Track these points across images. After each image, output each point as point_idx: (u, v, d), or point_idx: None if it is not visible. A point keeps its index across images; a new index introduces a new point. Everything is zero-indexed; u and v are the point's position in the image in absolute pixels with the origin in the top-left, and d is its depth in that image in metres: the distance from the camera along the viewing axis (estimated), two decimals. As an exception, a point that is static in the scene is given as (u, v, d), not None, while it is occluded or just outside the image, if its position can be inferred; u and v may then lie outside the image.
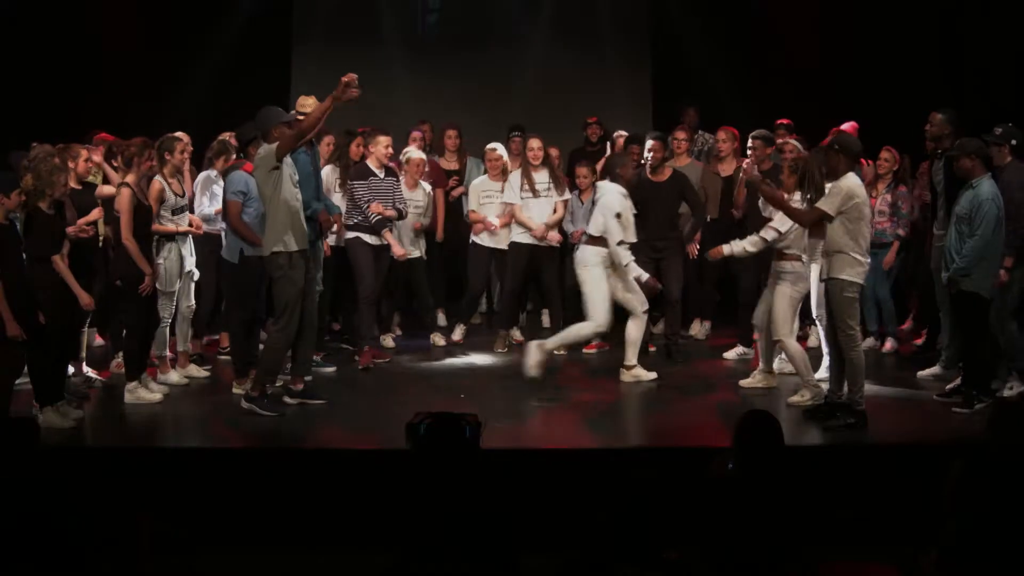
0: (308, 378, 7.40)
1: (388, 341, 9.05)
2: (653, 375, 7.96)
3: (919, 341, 8.94)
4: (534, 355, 7.74)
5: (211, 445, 6.55)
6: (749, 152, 8.49)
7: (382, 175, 8.37)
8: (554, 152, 9.54)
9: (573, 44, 12.30)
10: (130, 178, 7.05)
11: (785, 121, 9.20)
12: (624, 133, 9.77)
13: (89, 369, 7.60)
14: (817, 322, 7.78)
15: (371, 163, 8.38)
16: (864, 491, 5.96)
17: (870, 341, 8.65)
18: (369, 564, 4.41)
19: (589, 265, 7.92)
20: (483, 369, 8.35)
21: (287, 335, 6.93)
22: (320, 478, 6.02)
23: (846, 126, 8.63)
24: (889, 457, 6.32)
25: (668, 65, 12.00)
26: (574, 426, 6.87)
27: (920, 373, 7.86)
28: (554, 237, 9.03)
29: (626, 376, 7.93)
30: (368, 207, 8.19)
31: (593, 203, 8.31)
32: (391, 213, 8.32)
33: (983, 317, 7.10)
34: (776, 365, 7.74)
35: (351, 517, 5.73)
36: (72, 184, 7.18)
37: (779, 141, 8.80)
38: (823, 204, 6.62)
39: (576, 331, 7.92)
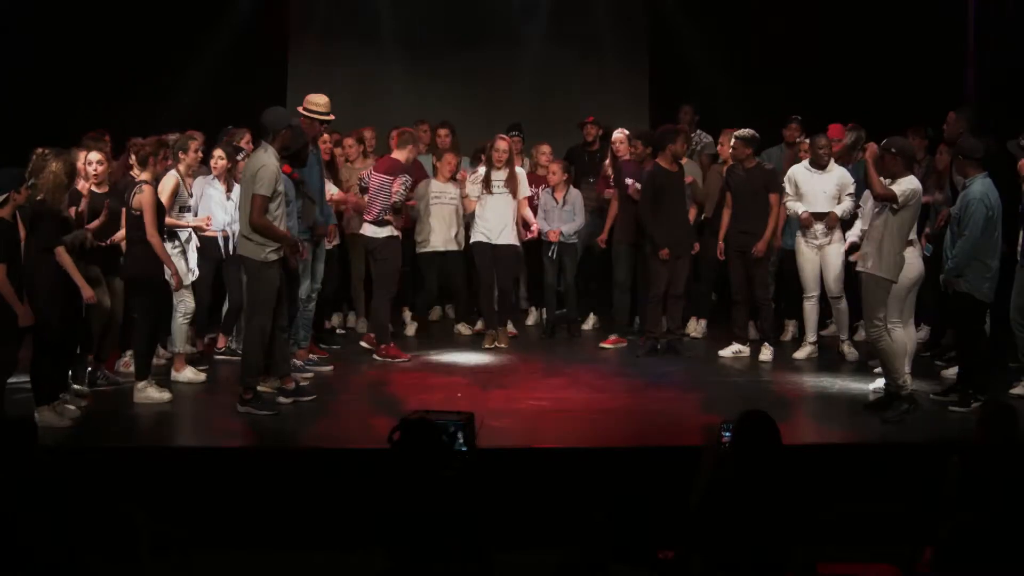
0: (308, 374, 7.46)
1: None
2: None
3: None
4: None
5: (211, 445, 6.55)
6: (731, 151, 8.53)
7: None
8: (546, 150, 9.53)
9: (571, 44, 12.30)
10: (146, 177, 7.06)
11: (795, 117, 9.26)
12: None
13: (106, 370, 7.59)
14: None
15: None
16: (862, 491, 5.97)
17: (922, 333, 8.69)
18: (367, 564, 4.42)
19: None
20: (481, 368, 8.34)
21: (263, 333, 6.94)
22: (319, 478, 6.01)
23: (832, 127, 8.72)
24: (887, 457, 6.32)
25: (666, 65, 12.01)
26: (570, 425, 6.87)
27: (944, 372, 7.84)
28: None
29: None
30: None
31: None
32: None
33: (977, 318, 7.11)
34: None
35: (350, 517, 5.72)
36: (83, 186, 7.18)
37: (796, 139, 8.82)
38: (895, 188, 6.69)
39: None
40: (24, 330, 6.23)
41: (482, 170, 8.95)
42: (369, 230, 8.43)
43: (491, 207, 8.77)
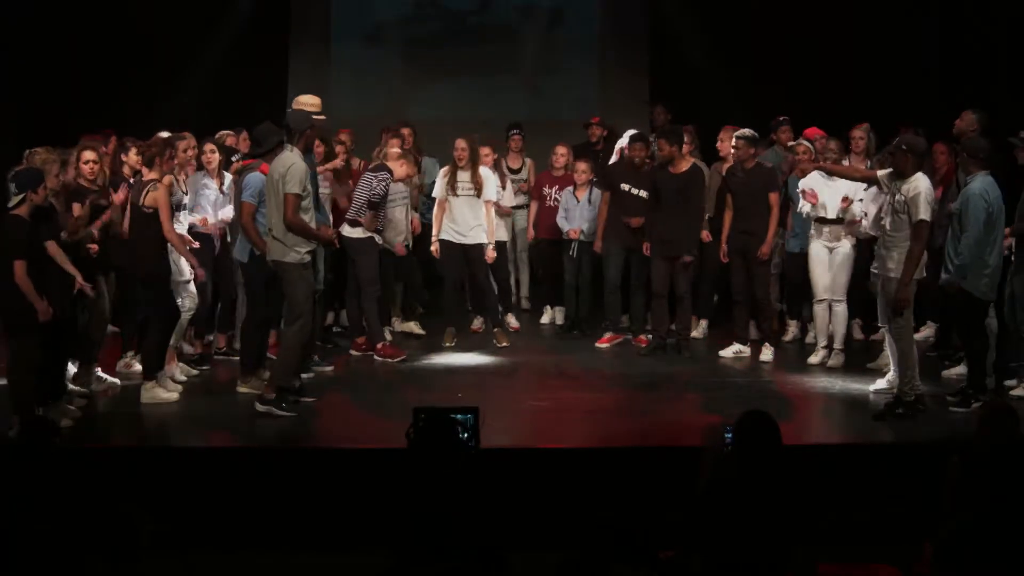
0: (309, 374, 7.52)
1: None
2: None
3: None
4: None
5: (211, 445, 6.55)
6: (733, 151, 8.50)
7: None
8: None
9: (571, 44, 12.34)
10: (155, 175, 7.06)
11: (783, 118, 9.25)
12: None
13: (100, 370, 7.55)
14: None
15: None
16: (863, 491, 5.97)
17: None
18: (368, 564, 4.41)
19: None
20: (480, 368, 8.34)
21: (304, 335, 6.97)
22: (319, 478, 6.02)
23: (809, 131, 8.72)
24: (887, 457, 6.34)
25: (666, 65, 12.01)
26: (571, 425, 6.87)
27: (945, 373, 7.85)
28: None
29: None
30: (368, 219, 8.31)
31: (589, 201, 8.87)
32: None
33: (976, 316, 7.10)
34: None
35: (350, 517, 5.73)
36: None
37: (791, 143, 8.83)
38: (923, 216, 6.71)
39: None
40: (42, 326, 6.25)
41: (446, 170, 8.86)
42: (345, 229, 8.44)
43: (458, 208, 8.78)
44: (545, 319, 9.87)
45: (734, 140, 8.46)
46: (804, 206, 8.12)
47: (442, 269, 9.04)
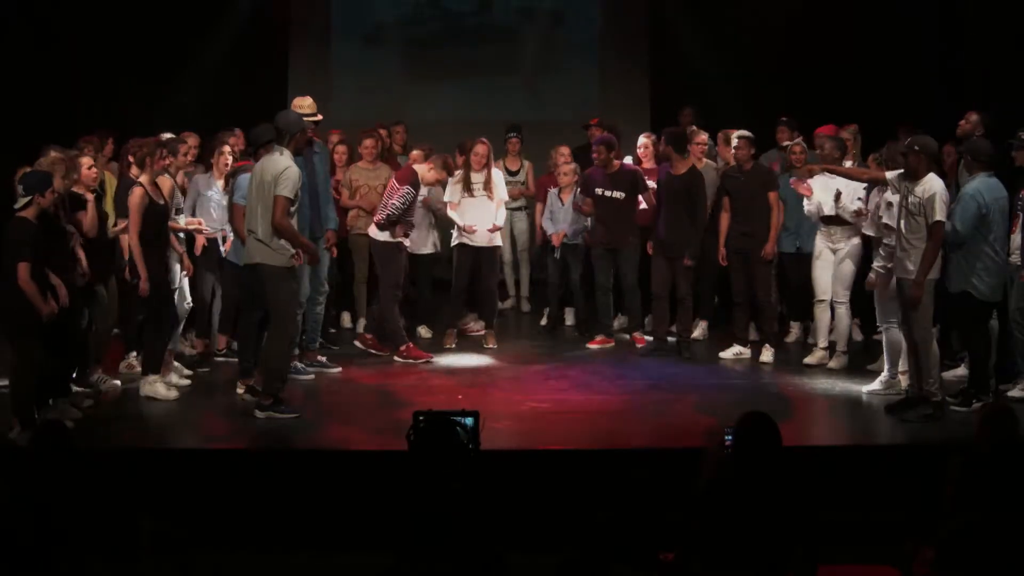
0: (310, 376, 7.64)
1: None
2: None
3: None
4: None
5: (211, 445, 6.55)
6: (734, 151, 8.48)
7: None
8: (566, 150, 9.50)
9: (571, 44, 12.34)
10: (143, 178, 7.04)
11: (786, 118, 9.25)
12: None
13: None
14: None
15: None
16: (863, 491, 5.97)
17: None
18: (368, 565, 4.41)
19: None
20: (481, 369, 8.34)
21: (290, 339, 6.94)
22: (319, 479, 6.02)
23: (823, 129, 8.70)
24: (888, 457, 6.33)
25: (666, 65, 12.02)
26: (571, 426, 6.87)
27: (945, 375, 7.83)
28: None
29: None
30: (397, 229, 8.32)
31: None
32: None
33: (976, 316, 7.10)
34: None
35: (350, 518, 5.73)
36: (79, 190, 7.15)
37: (786, 142, 8.81)
38: (939, 217, 6.66)
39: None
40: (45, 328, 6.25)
41: (459, 173, 8.84)
42: (372, 231, 8.45)
43: (472, 210, 8.77)
44: (545, 320, 9.87)
45: (736, 139, 8.45)
46: (808, 205, 8.09)
47: (451, 272, 9.02)
